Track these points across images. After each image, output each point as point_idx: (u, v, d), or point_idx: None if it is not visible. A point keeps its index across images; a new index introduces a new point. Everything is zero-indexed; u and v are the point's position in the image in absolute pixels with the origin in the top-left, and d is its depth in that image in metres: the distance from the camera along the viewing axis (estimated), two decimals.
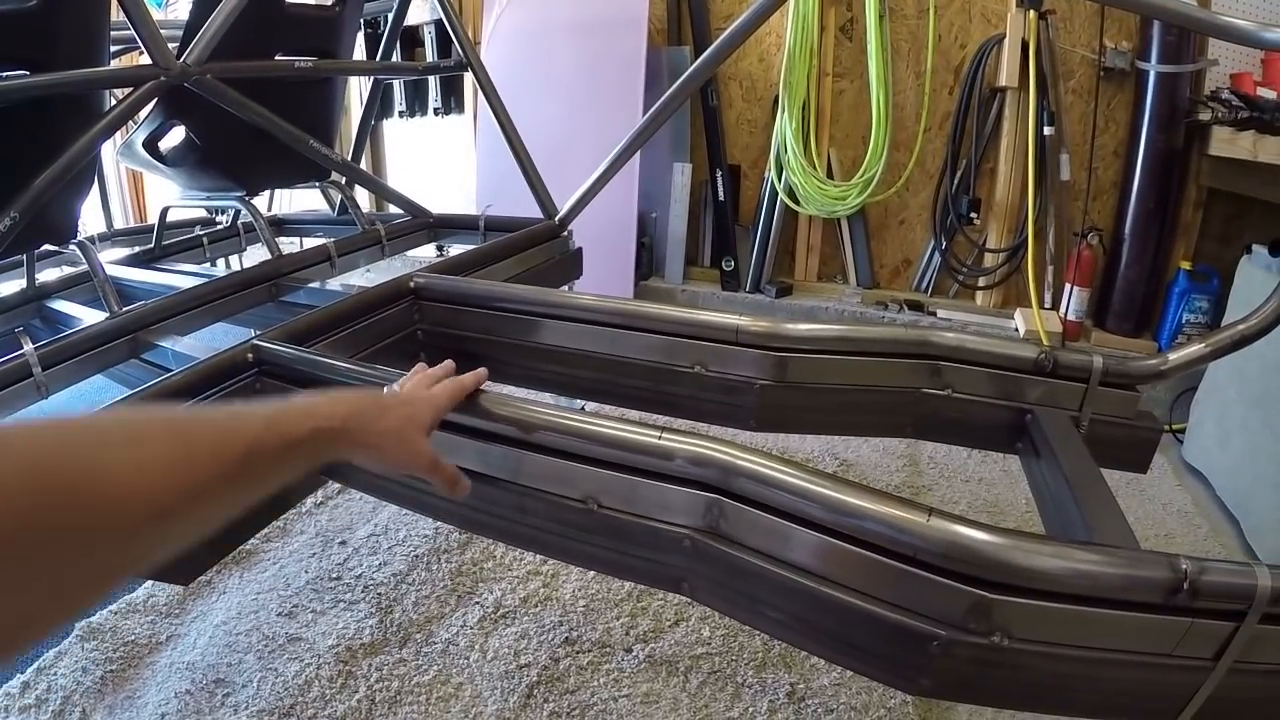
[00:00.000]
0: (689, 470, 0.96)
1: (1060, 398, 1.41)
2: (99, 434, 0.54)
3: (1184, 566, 0.82)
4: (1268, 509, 2.46)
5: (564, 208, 2.33)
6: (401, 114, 4.52)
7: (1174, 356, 1.54)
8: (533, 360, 1.59)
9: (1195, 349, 1.58)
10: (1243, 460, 2.64)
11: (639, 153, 3.27)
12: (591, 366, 1.52)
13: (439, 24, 3.87)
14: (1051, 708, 0.94)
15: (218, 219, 2.79)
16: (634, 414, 1.80)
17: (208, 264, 2.57)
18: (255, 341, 1.35)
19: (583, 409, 2.64)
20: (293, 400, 0.78)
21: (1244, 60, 3.25)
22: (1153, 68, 3.23)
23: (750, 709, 1.71)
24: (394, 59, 3.89)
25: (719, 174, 3.68)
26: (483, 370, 1.08)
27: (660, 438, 0.97)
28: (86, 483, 0.49)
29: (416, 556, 2.15)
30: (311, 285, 2.06)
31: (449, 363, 1.09)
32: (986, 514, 2.51)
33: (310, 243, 2.66)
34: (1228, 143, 3.04)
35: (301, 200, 3.69)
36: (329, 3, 2.21)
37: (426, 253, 3.23)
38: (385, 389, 1.02)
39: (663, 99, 2.03)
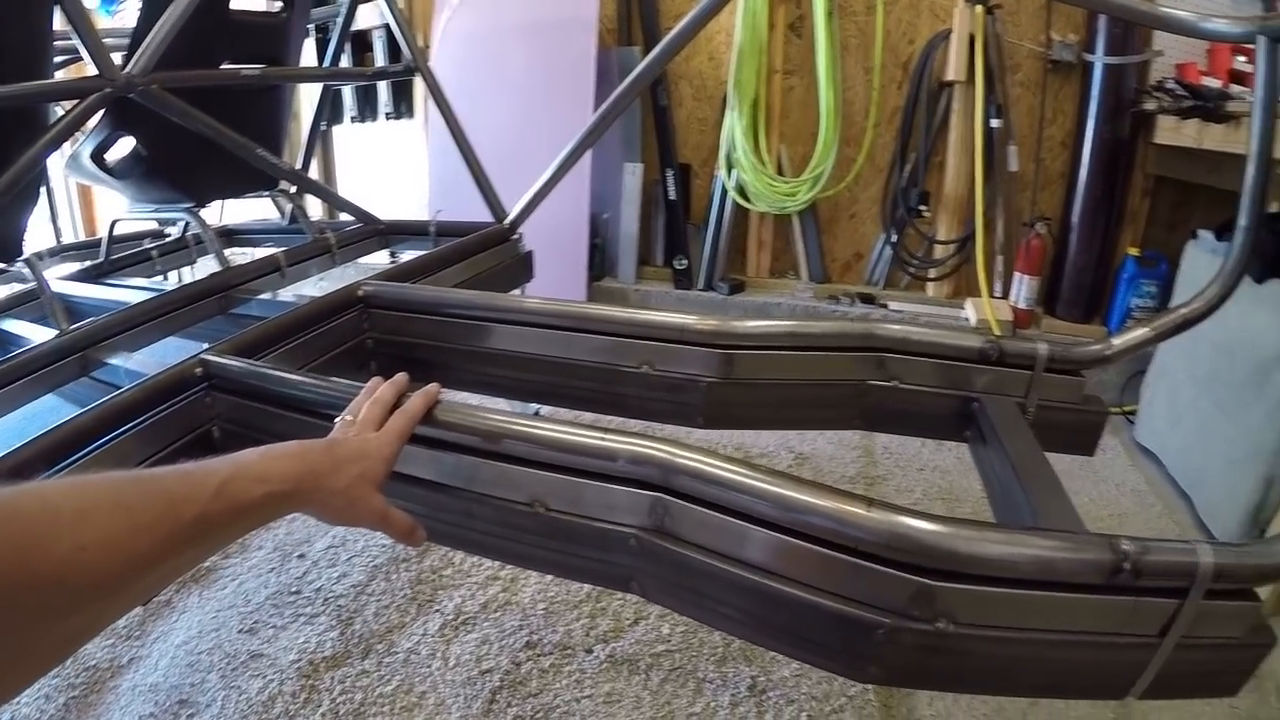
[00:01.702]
0: (631, 470, 0.96)
1: (1007, 385, 1.42)
2: (51, 511, 0.56)
3: (1125, 548, 0.83)
4: (1219, 487, 2.50)
5: (514, 211, 2.32)
6: (353, 119, 4.50)
7: (1117, 341, 1.56)
8: (483, 365, 1.58)
9: (1139, 333, 1.61)
10: (1194, 440, 2.69)
11: (590, 154, 3.27)
12: (541, 370, 1.51)
13: (389, 28, 3.85)
14: (1003, 689, 0.96)
15: (167, 231, 2.75)
16: (588, 416, 1.81)
17: (159, 277, 2.53)
18: (204, 356, 1.33)
19: (536, 413, 2.65)
20: (247, 460, 0.77)
21: (1189, 51, 3.30)
22: (1099, 59, 3.28)
23: (712, 704, 1.72)
24: (343, 64, 3.88)
25: (670, 173, 3.68)
26: (433, 388, 1.06)
27: (602, 439, 0.97)
28: (38, 562, 0.52)
29: (376, 566, 2.14)
30: (262, 296, 2.03)
31: (401, 378, 1.07)
32: (941, 501, 2.55)
33: (262, 253, 2.63)
34: (1173, 131, 3.10)
35: (254, 209, 3.65)
36: (276, 9, 2.20)
37: (382, 259, 3.21)
38: (339, 420, 1.00)
39: (610, 99, 2.03)
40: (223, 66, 2.05)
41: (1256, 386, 2.37)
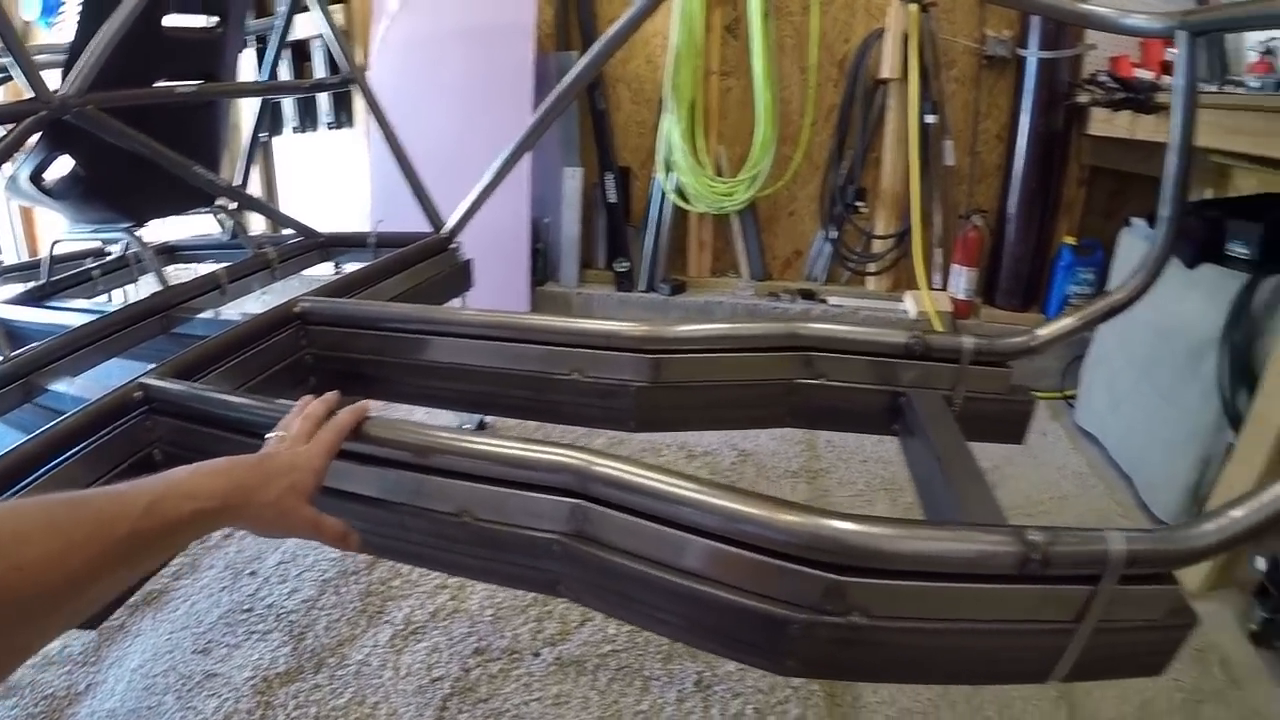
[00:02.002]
0: (551, 478, 0.98)
1: (934, 379, 1.45)
2: None
3: (1034, 539, 0.86)
4: (1159, 467, 2.56)
5: (451, 220, 2.32)
6: (295, 129, 4.45)
7: (1042, 332, 1.60)
8: (421, 378, 1.59)
9: (1064, 323, 1.64)
10: (1133, 422, 2.75)
11: (529, 159, 3.29)
12: (477, 380, 1.53)
13: None
14: (922, 677, 0.98)
15: (109, 250, 2.72)
16: (530, 424, 1.83)
17: (103, 297, 2.50)
18: (143, 380, 1.32)
19: (481, 424, 2.66)
20: (177, 478, 0.80)
21: (1123, 44, 3.39)
22: (1033, 54, 3.35)
23: (659, 700, 1.74)
24: (282, 75, 3.86)
25: (609, 176, 3.70)
26: (362, 404, 1.08)
27: (521, 449, 1.00)
28: None
29: (325, 580, 2.14)
30: (204, 315, 2.02)
31: (332, 395, 1.08)
32: (884, 492, 2.59)
33: (205, 269, 2.62)
34: (1106, 123, 3.18)
35: (199, 224, 3.61)
36: (210, 24, 2.18)
37: (327, 270, 3.19)
38: (270, 436, 1.01)
39: (544, 104, 2.04)
40: (159, 84, 2.04)
41: (1191, 369, 2.42)
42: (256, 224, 3.81)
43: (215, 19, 2.21)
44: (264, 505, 0.87)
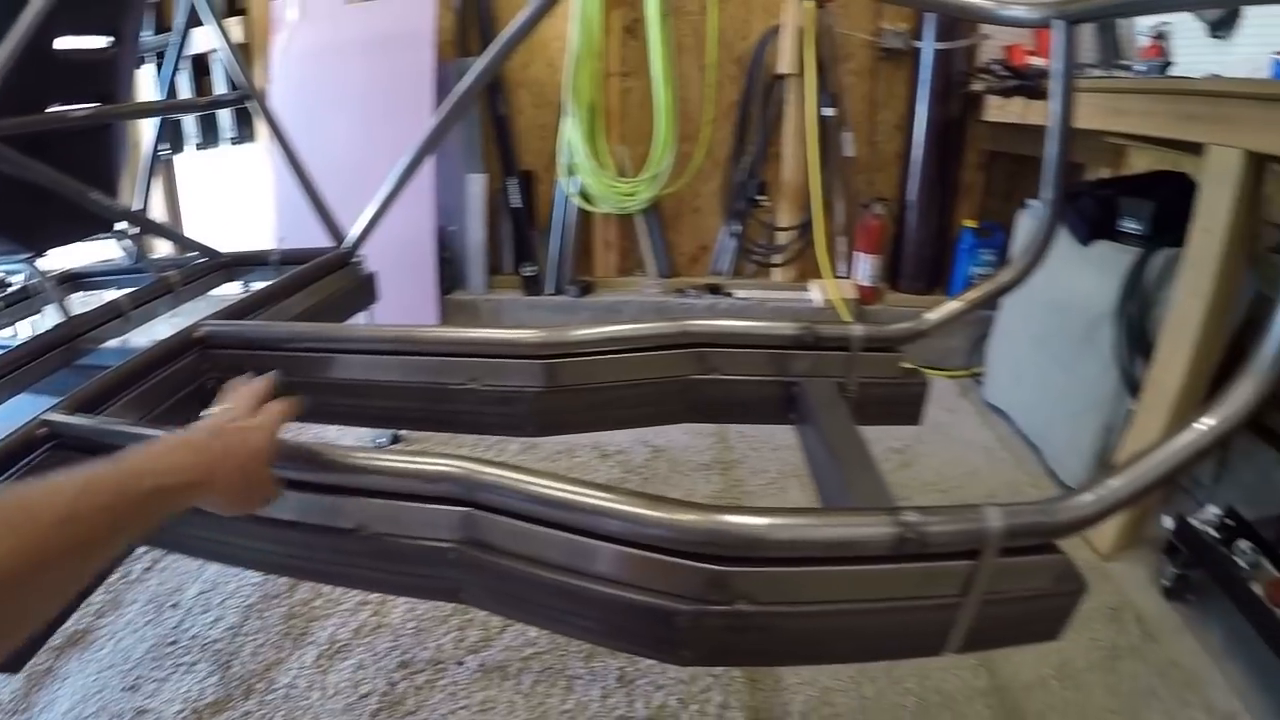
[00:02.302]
0: (440, 488, 1.00)
1: (826, 368, 1.49)
2: None
3: (908, 519, 0.89)
4: (1064, 436, 2.66)
5: (353, 233, 2.30)
6: (197, 146, 4.36)
7: (930, 316, 1.65)
8: (324, 396, 1.57)
9: (951, 306, 1.70)
10: (1037, 395, 2.85)
11: (432, 168, 3.27)
12: (377, 395, 1.52)
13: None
14: (816, 658, 1.02)
15: (9, 281, 2.66)
16: (442, 436, 1.84)
17: (10, 330, 2.44)
18: (46, 416, 1.30)
19: (395, 438, 2.65)
20: (124, 455, 0.76)
21: (1017, 33, 3.48)
22: (928, 46, 3.43)
23: (584, 699, 1.77)
24: (182, 91, 3.79)
25: (512, 181, 3.68)
26: (293, 401, 1.05)
27: (408, 461, 1.01)
28: None
29: (249, 606, 2.12)
30: (111, 343, 1.99)
31: (271, 376, 1.08)
32: (795, 479, 2.64)
33: (114, 295, 2.57)
34: (1000, 109, 3.29)
35: (103, 250, 3.52)
36: (104, 45, 2.14)
37: (235, 290, 3.12)
38: (210, 411, 0.98)
39: (442, 109, 2.02)
40: (52, 109, 2.00)
41: (1088, 341, 2.51)
42: (165, 246, 3.72)
43: (109, 39, 2.17)
44: (230, 472, 0.85)
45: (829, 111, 3.46)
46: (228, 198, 4.32)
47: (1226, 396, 0.96)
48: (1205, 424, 0.95)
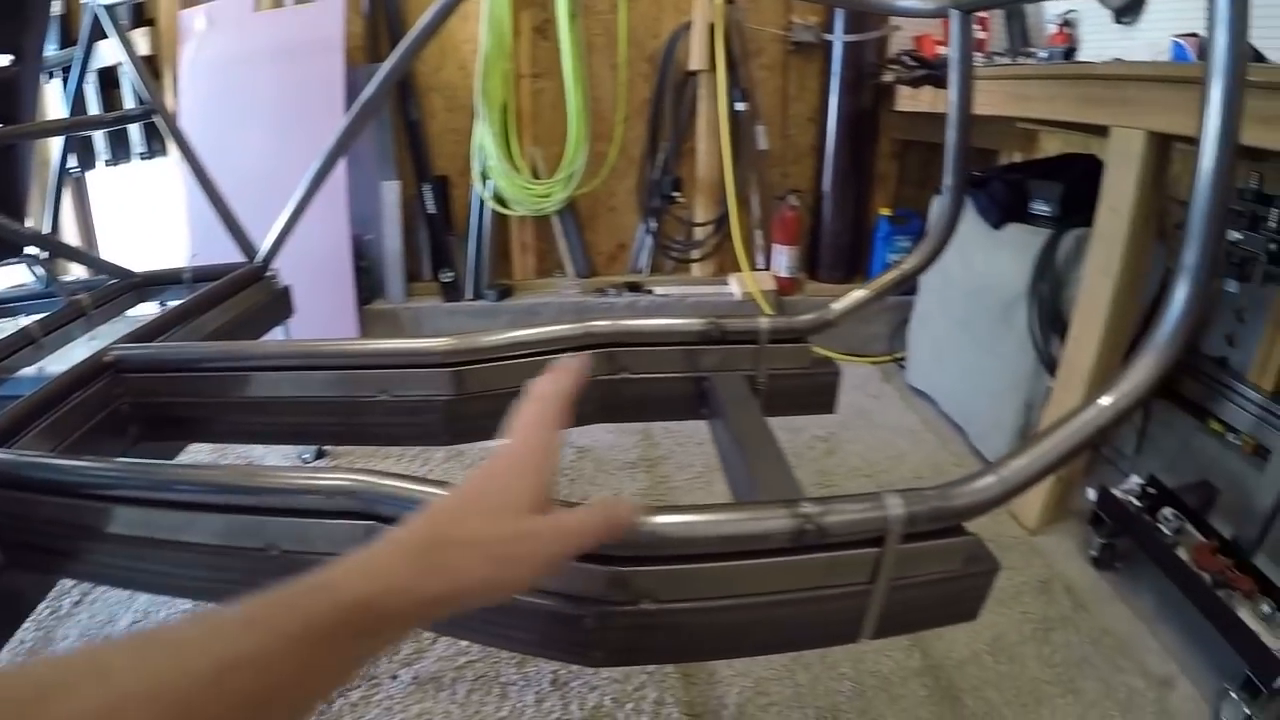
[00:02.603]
0: (341, 502, 0.98)
1: (735, 361, 1.50)
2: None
3: (806, 511, 0.89)
4: (987, 416, 2.72)
5: (264, 246, 2.25)
6: (107, 163, 4.23)
7: (837, 306, 1.67)
8: (239, 415, 1.54)
9: (858, 295, 1.72)
10: (959, 377, 2.91)
11: (345, 176, 3.23)
12: (290, 412, 1.49)
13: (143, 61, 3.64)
14: (735, 651, 1.01)
15: None
16: (366, 450, 1.81)
17: None
18: None
19: (320, 453, 2.61)
20: (314, 581, 0.54)
21: (926, 24, 3.58)
22: (838, 39, 3.49)
23: (519, 704, 1.76)
24: (91, 106, 3.68)
25: (427, 187, 3.64)
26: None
27: (307, 477, 1.00)
28: None
29: None
30: (25, 371, 1.93)
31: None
32: (719, 473, 2.61)
33: (22, 322, 2.48)
34: (910, 99, 3.35)
35: (12, 275, 3.40)
36: (4, 64, 2.08)
37: (152, 309, 3.03)
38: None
39: (346, 119, 2.00)
40: None
41: (1005, 322, 2.57)
42: (80, 267, 3.61)
43: (9, 58, 2.11)
44: (474, 542, 0.58)
45: (741, 106, 3.49)
46: (142, 215, 4.21)
47: (1128, 372, 0.98)
48: (1108, 400, 0.97)
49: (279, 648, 0.47)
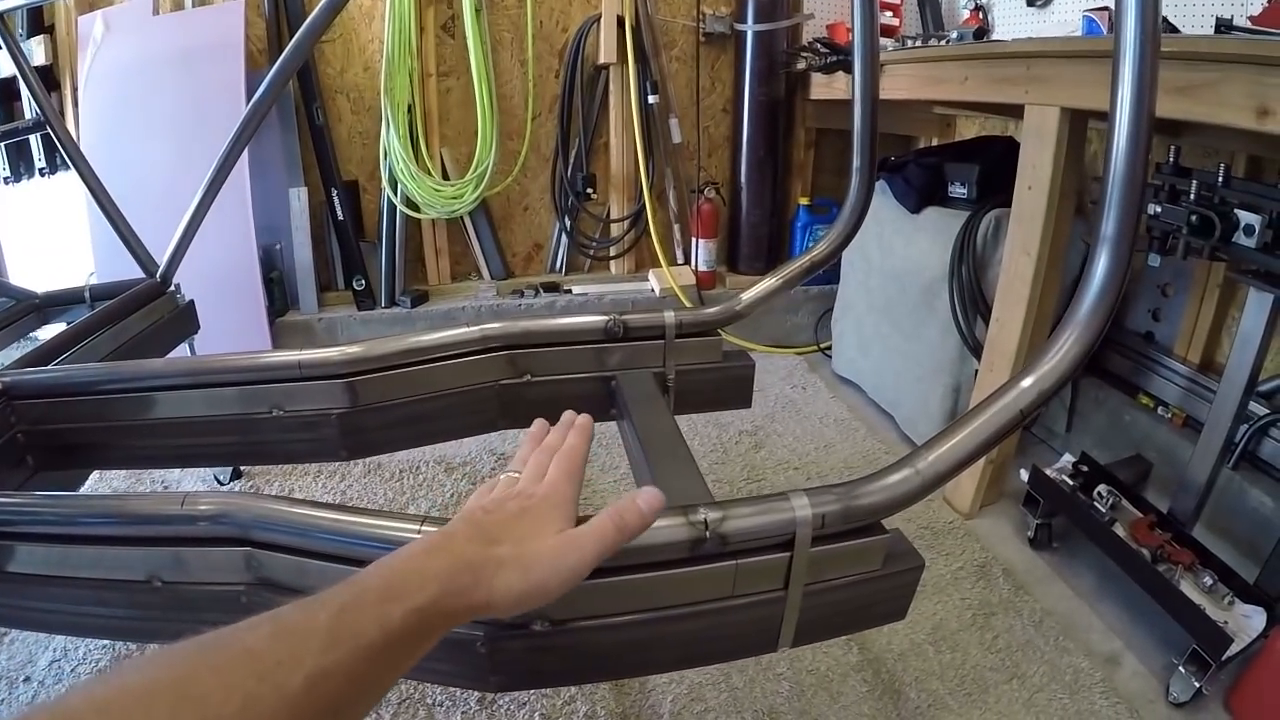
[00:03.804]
0: (217, 530, 0.93)
1: (644, 358, 1.47)
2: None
3: (705, 517, 0.85)
4: (914, 401, 2.73)
5: (163, 260, 2.16)
6: (7, 180, 4.06)
7: (746, 296, 1.65)
8: (137, 439, 1.46)
9: (767, 284, 1.70)
10: (883, 363, 2.91)
11: (249, 184, 3.12)
12: (186, 433, 1.42)
13: (40, 71, 3.48)
14: (645, 668, 0.97)
15: None
16: (276, 469, 1.73)
17: None
18: None
19: (236, 473, 2.51)
20: (365, 579, 0.57)
21: (839, 11, 3.60)
22: (750, 28, 3.46)
23: None
24: None
25: (335, 193, 3.51)
26: (584, 420, 0.94)
27: (179, 505, 0.94)
28: None
29: (102, 669, 1.97)
30: None
31: (543, 423, 0.95)
32: None
33: None
34: (824, 87, 3.35)
35: None
36: None
37: (57, 329, 2.91)
38: (500, 478, 0.82)
39: (238, 125, 1.93)
40: None
41: (927, 306, 2.57)
42: None
43: None
44: (519, 556, 0.64)
45: (654, 99, 3.44)
46: (46, 234, 4.05)
47: (1050, 350, 0.96)
48: (1030, 381, 0.95)
49: (363, 657, 0.51)
